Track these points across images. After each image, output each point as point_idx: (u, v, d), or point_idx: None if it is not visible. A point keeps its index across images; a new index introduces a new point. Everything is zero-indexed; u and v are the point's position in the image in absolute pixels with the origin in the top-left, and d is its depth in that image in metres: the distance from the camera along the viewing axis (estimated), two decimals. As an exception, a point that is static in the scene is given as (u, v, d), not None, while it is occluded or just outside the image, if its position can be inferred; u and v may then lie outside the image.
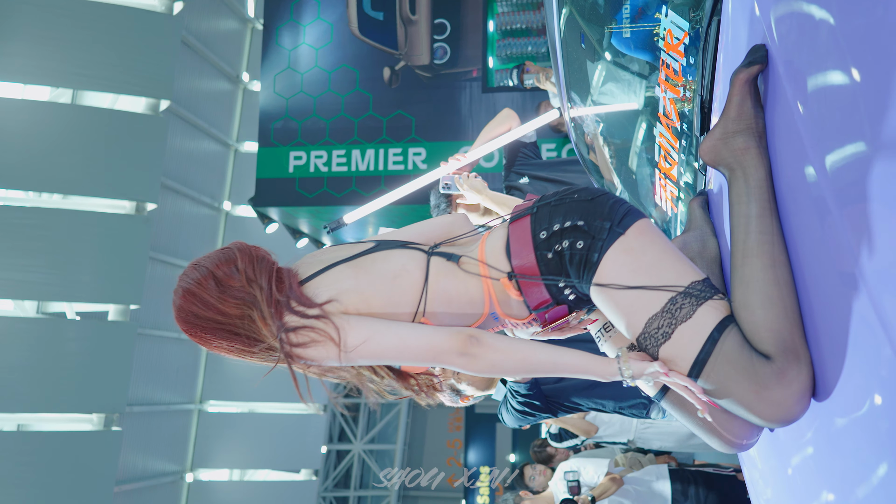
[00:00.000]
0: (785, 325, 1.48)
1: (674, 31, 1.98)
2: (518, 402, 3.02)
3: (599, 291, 1.63)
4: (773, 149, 1.59)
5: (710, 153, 1.65)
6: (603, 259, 1.61)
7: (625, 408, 2.99)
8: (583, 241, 1.63)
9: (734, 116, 1.62)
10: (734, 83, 1.62)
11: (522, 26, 7.57)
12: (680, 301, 1.56)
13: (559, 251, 1.64)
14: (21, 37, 7.99)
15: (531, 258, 1.67)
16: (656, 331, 1.57)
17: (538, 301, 1.70)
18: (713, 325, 1.54)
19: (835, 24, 1.36)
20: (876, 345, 1.22)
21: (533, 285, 1.68)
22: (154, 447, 10.66)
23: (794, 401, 1.46)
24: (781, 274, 1.51)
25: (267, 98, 8.18)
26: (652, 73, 2.23)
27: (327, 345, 1.60)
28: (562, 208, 1.69)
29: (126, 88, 8.53)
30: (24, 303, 8.55)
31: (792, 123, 1.51)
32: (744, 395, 1.51)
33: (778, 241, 1.53)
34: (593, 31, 2.61)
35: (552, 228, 1.66)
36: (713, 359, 1.53)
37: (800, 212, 1.46)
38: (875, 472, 1.25)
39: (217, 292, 1.61)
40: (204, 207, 11.09)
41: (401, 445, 16.12)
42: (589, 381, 2.97)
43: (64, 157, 8.16)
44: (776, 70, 1.57)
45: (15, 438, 8.24)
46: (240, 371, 11.96)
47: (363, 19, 7.91)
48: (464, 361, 1.62)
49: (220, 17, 10.85)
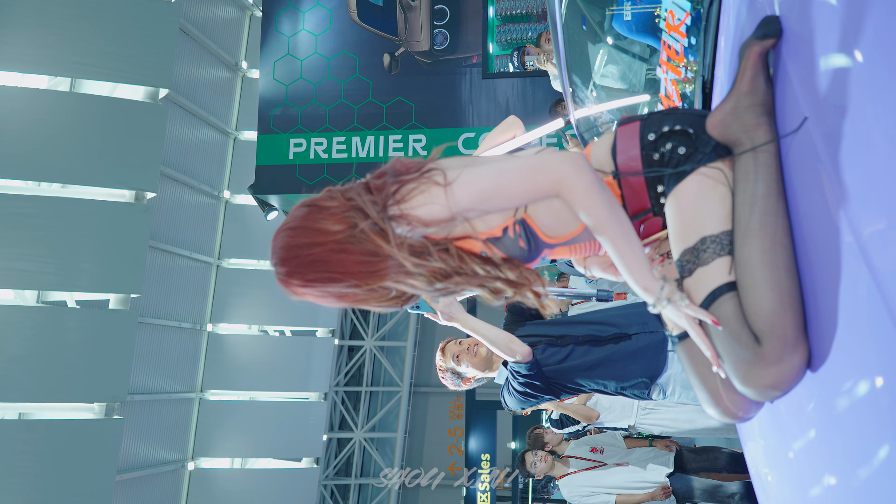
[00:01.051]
0: (778, 309, 1.46)
1: (675, 11, 1.97)
2: (519, 382, 3.03)
3: (675, 197, 1.63)
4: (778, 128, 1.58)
5: (719, 127, 1.61)
6: (695, 172, 1.61)
7: (627, 388, 3.00)
8: (685, 147, 1.63)
9: (746, 91, 1.59)
10: (747, 56, 1.59)
11: (522, 11, 7.54)
12: (711, 245, 1.57)
13: (663, 153, 1.64)
14: (19, 26, 7.97)
15: (637, 156, 1.66)
16: (698, 254, 1.58)
17: (637, 206, 1.69)
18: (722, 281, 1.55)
19: (837, 4, 1.35)
20: (880, 326, 1.21)
21: (634, 188, 1.67)
22: (155, 436, 10.69)
23: (774, 380, 1.45)
24: (781, 257, 1.48)
25: (266, 85, 8.16)
26: (653, 54, 2.22)
27: (431, 190, 1.52)
28: (674, 115, 1.68)
29: (125, 77, 8.51)
30: (25, 292, 8.56)
31: (795, 102, 1.50)
32: (725, 356, 1.52)
33: (781, 223, 1.50)
34: (594, 14, 2.59)
35: (661, 130, 1.66)
36: (711, 310, 1.55)
37: (807, 191, 1.44)
38: (877, 455, 1.25)
39: (317, 215, 1.54)
40: (203, 196, 11.08)
41: (402, 433, 16.16)
42: (591, 361, 2.98)
43: (63, 145, 8.15)
44: (778, 48, 1.56)
45: (16, 427, 8.26)
46: (241, 360, 11.98)
47: (363, 5, 7.88)
48: (569, 167, 1.54)
49: (218, 5, 10.81)
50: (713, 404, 1.64)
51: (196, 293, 11.33)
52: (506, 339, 2.92)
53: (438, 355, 3.27)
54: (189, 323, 11.23)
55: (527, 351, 2.95)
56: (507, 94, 7.44)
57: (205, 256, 11.32)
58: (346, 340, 15.94)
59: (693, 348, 1.70)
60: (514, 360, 2.96)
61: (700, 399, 1.69)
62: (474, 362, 3.18)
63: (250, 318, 12.23)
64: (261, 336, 12.52)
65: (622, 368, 2.96)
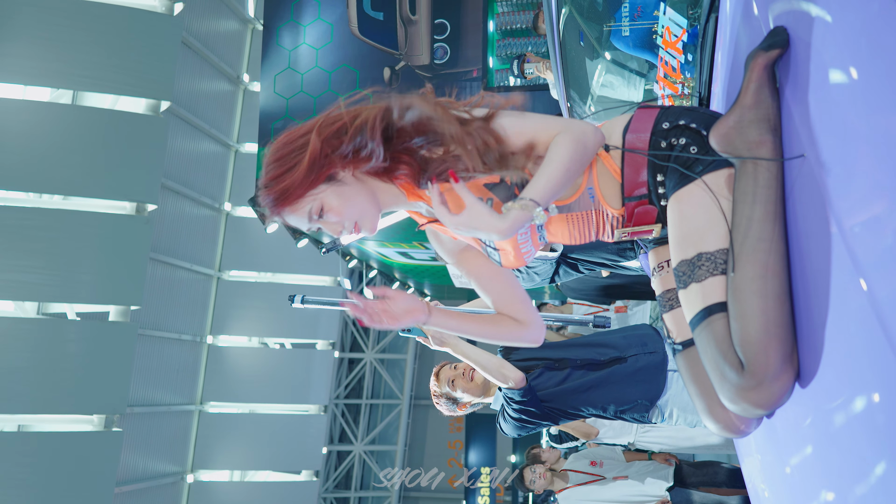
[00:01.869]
0: (763, 339, 1.45)
1: (672, 28, 1.98)
2: (514, 409, 2.97)
3: (678, 201, 1.63)
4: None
5: (722, 141, 1.57)
6: (703, 176, 1.60)
7: (626, 411, 2.95)
8: (697, 147, 1.62)
9: (750, 104, 1.55)
10: (752, 68, 1.56)
11: (522, 26, 7.56)
12: (707, 261, 1.57)
13: (672, 145, 1.64)
14: (22, 38, 8.00)
15: (646, 139, 1.66)
16: (690, 270, 1.59)
17: (634, 186, 1.69)
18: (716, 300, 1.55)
19: (832, 22, 1.36)
20: (875, 344, 1.21)
21: (635, 168, 1.67)
22: (155, 448, 10.66)
23: (752, 404, 1.47)
24: (771, 285, 1.47)
25: (267, 98, 8.17)
26: (650, 70, 2.23)
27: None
28: (693, 112, 1.68)
29: (126, 89, 8.54)
30: (25, 304, 8.56)
31: (791, 123, 1.51)
32: (711, 374, 1.54)
33: (776, 249, 1.48)
34: (592, 29, 2.60)
35: (678, 122, 1.65)
36: (701, 328, 1.56)
37: (805, 213, 1.45)
38: (874, 471, 1.25)
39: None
40: (204, 208, 11.09)
41: (401, 446, 16.12)
42: (589, 382, 2.92)
43: (64, 158, 8.17)
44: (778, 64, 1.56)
45: (16, 439, 8.25)
46: (241, 372, 11.97)
47: (363, 19, 7.90)
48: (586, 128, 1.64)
49: (220, 18, 10.85)
50: (711, 417, 1.64)
51: (196, 305, 11.33)
52: (497, 365, 2.86)
53: (433, 380, 3.19)
54: (189, 335, 11.23)
55: (519, 377, 2.88)
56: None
57: (205, 268, 11.33)
58: (346, 353, 15.92)
59: (694, 359, 1.70)
60: (507, 386, 2.90)
61: (699, 410, 1.69)
62: (470, 388, 3.11)
63: (250, 331, 12.22)
64: (261, 348, 12.51)
65: (620, 391, 2.90)
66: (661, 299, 1.81)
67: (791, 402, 1.48)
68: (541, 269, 3.14)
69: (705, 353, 1.55)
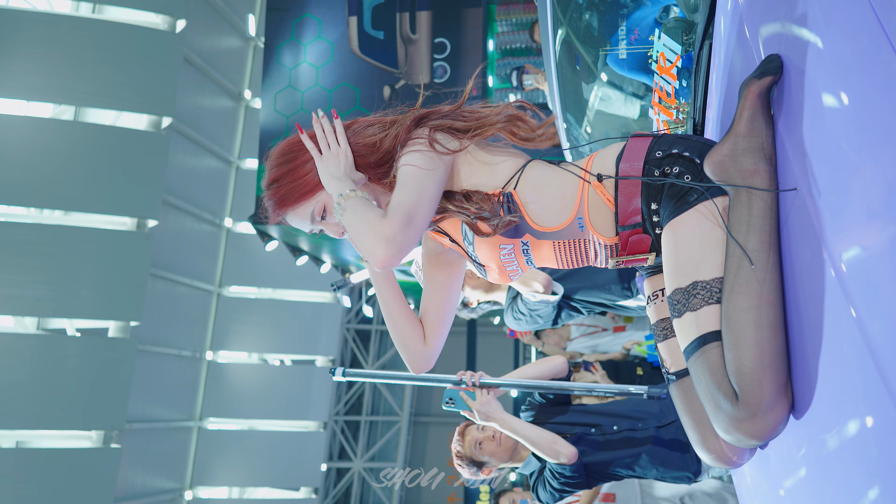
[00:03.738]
0: (757, 370, 1.44)
1: (666, 53, 1.99)
2: (559, 483, 2.81)
3: (673, 230, 1.62)
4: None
5: (716, 169, 1.57)
6: (697, 205, 1.59)
7: (667, 478, 2.88)
8: (691, 176, 1.61)
9: (744, 132, 1.55)
10: (746, 96, 1.55)
11: (522, 45, 7.61)
12: (702, 290, 1.56)
13: (666, 173, 1.63)
14: (24, 54, 8.04)
15: (639, 167, 1.65)
16: (686, 298, 1.59)
17: (628, 214, 1.67)
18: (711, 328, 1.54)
19: (822, 48, 1.36)
20: (865, 372, 1.21)
21: (628, 197, 1.66)
22: (153, 464, 10.62)
23: (747, 434, 1.46)
24: (765, 316, 1.46)
25: (267, 116, 8.21)
26: (645, 95, 2.24)
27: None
28: (686, 141, 1.67)
29: (128, 105, 8.56)
30: (25, 319, 8.56)
31: (783, 152, 1.51)
32: (705, 403, 1.53)
33: (770, 280, 1.48)
34: (588, 52, 2.61)
35: (671, 151, 1.65)
36: (695, 357, 1.55)
37: (798, 242, 1.45)
38: (867, 496, 1.25)
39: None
40: (205, 224, 11.10)
41: (401, 463, 16.06)
42: (632, 453, 2.83)
43: (66, 173, 8.19)
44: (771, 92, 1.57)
45: (14, 455, 8.22)
46: (240, 388, 11.94)
47: (363, 38, 7.94)
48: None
49: (222, 35, 10.90)
50: (704, 447, 1.63)
51: (196, 321, 11.32)
52: (549, 441, 2.74)
53: (456, 439, 3.02)
54: (189, 351, 11.21)
55: (573, 453, 2.75)
56: (506, 126, 7.46)
57: (205, 284, 11.33)
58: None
59: (688, 389, 1.69)
60: (559, 462, 2.76)
61: (691, 440, 1.68)
62: (498, 452, 2.94)
63: (250, 347, 12.20)
64: (260, 364, 12.49)
65: (666, 454, 2.79)
66: (656, 328, 1.80)
67: (785, 432, 1.48)
68: (543, 311, 3.08)
69: (699, 382, 1.54)
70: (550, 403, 3.07)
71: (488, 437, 2.94)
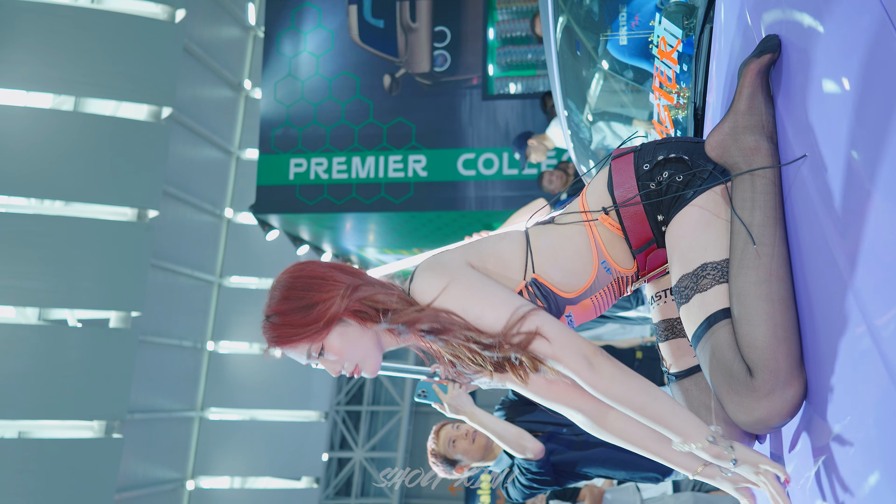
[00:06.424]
0: (771, 343, 1.42)
1: (667, 38, 1.98)
2: (527, 479, 2.87)
3: (676, 225, 1.60)
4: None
5: (717, 148, 1.57)
6: (696, 198, 1.58)
7: (636, 478, 2.89)
8: (683, 175, 1.60)
9: (744, 110, 1.55)
10: (745, 74, 1.55)
11: (522, 34, 7.58)
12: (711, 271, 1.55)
13: (660, 181, 1.61)
14: (24, 44, 8.02)
15: (633, 187, 1.63)
16: (694, 282, 1.56)
17: (640, 238, 1.66)
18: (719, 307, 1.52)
19: (823, 29, 1.36)
20: (872, 366, 1.21)
21: (635, 220, 1.64)
22: (155, 454, 10.65)
23: (766, 414, 1.41)
24: (776, 289, 1.44)
25: (267, 105, 8.20)
26: (646, 80, 2.23)
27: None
28: (668, 144, 1.66)
29: (128, 96, 8.55)
30: (26, 310, 8.56)
31: (784, 132, 1.51)
32: (718, 386, 1.48)
33: (778, 254, 1.46)
34: (589, 38, 2.61)
35: (656, 159, 1.63)
36: (704, 339, 1.52)
37: (806, 222, 1.44)
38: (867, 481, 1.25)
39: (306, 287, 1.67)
40: (205, 214, 11.10)
41: (402, 453, 16.08)
42: (602, 453, 2.85)
43: (66, 164, 8.18)
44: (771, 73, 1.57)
45: (16, 446, 8.24)
46: (241, 378, 11.96)
47: (363, 27, 7.92)
48: (586, 367, 1.51)
49: (221, 25, 10.87)
50: None
51: (197, 311, 11.33)
52: (516, 436, 2.77)
53: (431, 438, 3.06)
54: (190, 341, 11.23)
55: (539, 448, 2.79)
56: (506, 116, 7.47)
57: (206, 275, 11.33)
58: (347, 359, 15.87)
59: (689, 389, 1.67)
60: (525, 457, 2.80)
61: None
62: (471, 450, 3.00)
63: (251, 337, 12.20)
64: (261, 354, 12.49)
65: (634, 458, 2.80)
66: (658, 328, 1.78)
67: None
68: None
69: (709, 365, 1.50)
70: (523, 402, 3.05)
71: (461, 434, 2.99)
